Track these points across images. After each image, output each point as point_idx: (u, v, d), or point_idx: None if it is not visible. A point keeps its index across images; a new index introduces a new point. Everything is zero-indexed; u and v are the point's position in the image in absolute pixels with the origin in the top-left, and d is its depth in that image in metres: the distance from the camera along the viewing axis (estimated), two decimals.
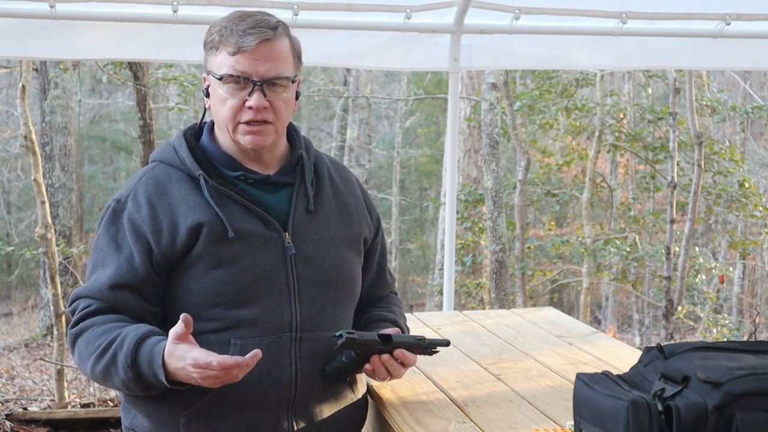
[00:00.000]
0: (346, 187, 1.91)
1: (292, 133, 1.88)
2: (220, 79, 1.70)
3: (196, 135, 1.84)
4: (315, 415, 1.78)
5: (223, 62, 1.70)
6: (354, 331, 1.78)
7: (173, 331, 1.57)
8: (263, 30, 1.69)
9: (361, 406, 1.93)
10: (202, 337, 1.66)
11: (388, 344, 1.80)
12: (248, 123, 1.71)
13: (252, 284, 1.70)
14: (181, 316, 1.55)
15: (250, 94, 1.69)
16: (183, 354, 1.55)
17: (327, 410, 1.81)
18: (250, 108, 1.70)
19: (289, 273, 1.73)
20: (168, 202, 1.71)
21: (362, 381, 1.96)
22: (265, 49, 1.69)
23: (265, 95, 1.70)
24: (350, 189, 1.92)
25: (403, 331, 1.93)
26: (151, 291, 1.71)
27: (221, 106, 1.72)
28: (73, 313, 1.73)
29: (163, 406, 1.70)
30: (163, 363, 1.57)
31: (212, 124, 1.84)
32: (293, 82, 1.75)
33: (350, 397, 1.87)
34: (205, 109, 1.83)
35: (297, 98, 1.81)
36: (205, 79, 1.77)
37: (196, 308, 1.69)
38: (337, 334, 1.75)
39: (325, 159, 1.92)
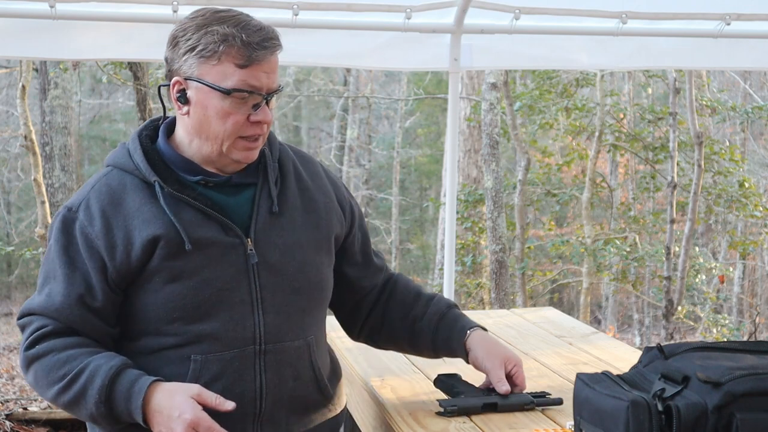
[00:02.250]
0: (313, 181, 1.79)
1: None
2: (227, 92, 1.57)
3: (152, 136, 1.72)
4: (281, 427, 1.70)
5: (229, 74, 1.57)
6: (455, 402, 1.81)
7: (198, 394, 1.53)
8: (274, 42, 1.60)
9: (338, 420, 1.85)
10: (161, 353, 1.61)
11: (493, 410, 1.81)
12: (248, 138, 1.62)
13: (212, 297, 1.61)
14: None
15: (255, 108, 1.60)
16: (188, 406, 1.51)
17: (298, 425, 1.73)
18: (256, 122, 1.61)
19: (252, 282, 1.64)
20: (122, 213, 1.61)
21: (342, 393, 1.89)
22: (273, 62, 1.61)
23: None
24: (318, 183, 1.80)
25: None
26: (108, 310, 1.62)
27: (220, 119, 1.60)
28: (23, 328, 1.64)
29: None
30: (144, 403, 1.51)
31: (169, 125, 1.72)
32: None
33: (325, 411, 1.79)
34: (165, 108, 1.71)
35: None
36: (179, 83, 1.62)
37: (155, 323, 1.62)
38: (440, 410, 1.79)
39: (290, 153, 1.80)
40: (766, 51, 3.69)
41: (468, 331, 1.87)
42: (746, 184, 8.29)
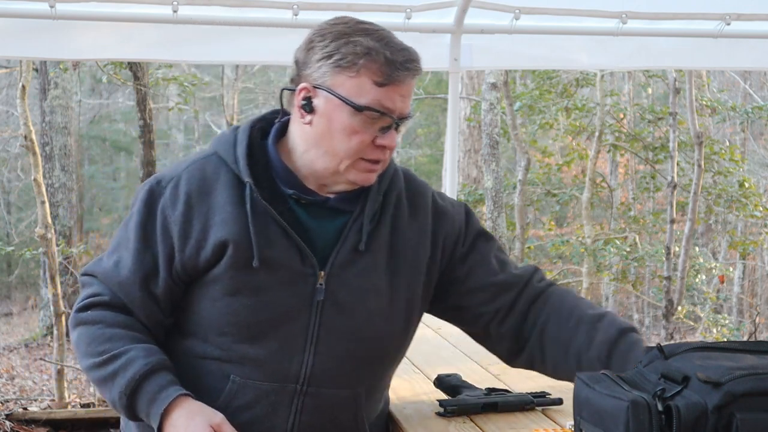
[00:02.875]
0: (412, 218, 1.63)
1: None
2: (359, 109, 1.47)
3: (266, 129, 1.61)
4: None
5: (365, 90, 1.47)
6: (455, 402, 1.80)
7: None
8: (416, 65, 1.52)
9: None
10: (204, 362, 1.56)
11: (494, 410, 1.81)
12: (371, 161, 1.52)
13: (266, 321, 1.52)
14: None
15: (383, 131, 1.50)
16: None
17: None
18: (382, 146, 1.51)
19: (312, 318, 1.53)
20: (206, 205, 1.53)
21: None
22: (411, 86, 1.52)
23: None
24: (418, 220, 1.64)
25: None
26: (167, 300, 1.56)
27: (345, 136, 1.49)
28: (83, 285, 1.60)
29: None
30: (164, 412, 1.46)
31: (282, 127, 1.60)
32: None
33: None
34: (284, 111, 1.59)
35: None
36: (306, 89, 1.51)
37: (205, 330, 1.55)
38: (440, 410, 1.76)
39: (400, 183, 1.64)
40: (766, 51, 3.69)
41: None
42: (746, 184, 8.29)
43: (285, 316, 1.53)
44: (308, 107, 1.51)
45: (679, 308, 7.67)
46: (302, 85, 1.51)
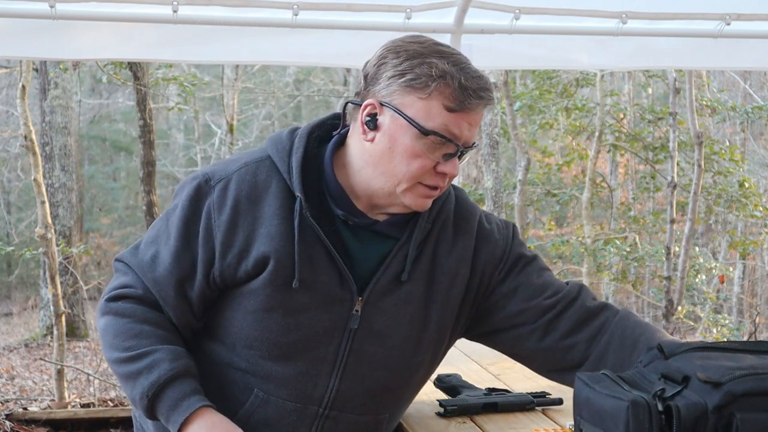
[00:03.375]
0: (455, 244, 1.58)
1: None
2: (425, 133, 1.43)
3: (324, 137, 1.57)
4: None
5: (434, 113, 1.43)
6: (455, 402, 1.83)
7: None
8: (489, 95, 1.47)
9: None
10: (229, 370, 1.55)
11: (494, 410, 1.83)
12: (430, 187, 1.48)
13: (297, 342, 1.50)
14: None
15: (446, 157, 1.46)
16: None
17: None
18: (443, 173, 1.47)
19: (343, 344, 1.51)
20: (254, 215, 1.49)
21: None
22: (481, 115, 1.48)
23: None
24: (460, 244, 1.59)
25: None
26: (199, 303, 1.54)
27: (406, 158, 1.44)
28: (116, 271, 1.56)
29: None
30: (185, 421, 1.44)
31: (341, 139, 1.56)
32: None
33: None
34: (344, 117, 1.55)
35: None
36: (373, 105, 1.47)
37: (233, 340, 1.53)
38: (440, 410, 1.79)
39: (450, 206, 1.60)
40: (766, 51, 3.69)
41: None
42: (746, 184, 8.29)
43: (316, 339, 1.51)
44: (372, 124, 1.47)
45: (679, 308, 7.67)
46: (369, 100, 1.48)
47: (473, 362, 2.32)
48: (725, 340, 4.14)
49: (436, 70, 1.43)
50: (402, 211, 1.52)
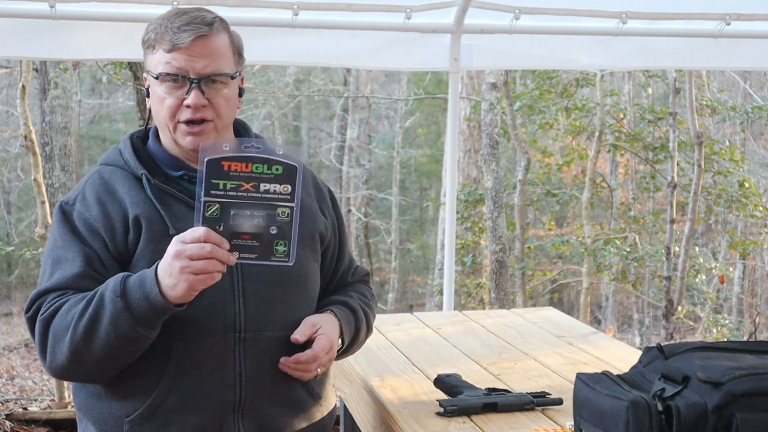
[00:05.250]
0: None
1: (240, 130, 1.83)
2: (157, 77, 1.66)
3: (144, 138, 1.80)
4: (265, 419, 1.70)
5: (160, 60, 1.65)
6: (455, 402, 1.82)
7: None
8: (198, 26, 1.64)
9: (325, 419, 1.83)
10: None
11: (494, 410, 1.83)
12: (187, 123, 1.66)
13: None
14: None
15: (187, 92, 1.65)
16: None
17: (280, 414, 1.72)
18: (188, 106, 1.65)
19: (233, 271, 1.66)
20: (116, 199, 1.68)
21: (330, 393, 1.87)
22: (200, 46, 1.64)
23: (203, 93, 1.64)
24: (303, 186, 1.76)
25: (355, 312, 1.85)
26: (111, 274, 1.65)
27: (159, 105, 1.67)
28: (37, 311, 1.62)
29: (108, 413, 1.66)
30: (156, 276, 1.52)
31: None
32: (233, 78, 1.69)
33: (310, 405, 1.78)
34: (149, 110, 1.77)
35: (240, 95, 1.75)
36: (145, 79, 1.72)
37: None
38: (440, 410, 1.80)
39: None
40: (766, 51, 3.70)
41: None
42: (746, 184, 8.28)
43: None
44: (147, 93, 1.72)
45: (679, 308, 7.67)
46: (143, 75, 1.74)
47: (473, 362, 2.32)
48: (725, 340, 4.14)
49: (153, 26, 1.68)
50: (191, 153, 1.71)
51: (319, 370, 1.73)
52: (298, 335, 1.71)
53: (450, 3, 3.32)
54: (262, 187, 1.49)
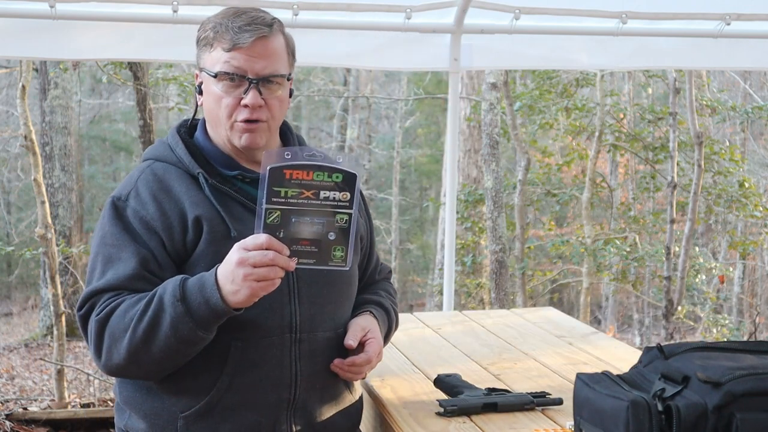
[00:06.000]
0: None
1: (285, 131, 1.85)
2: (215, 76, 1.67)
3: (190, 132, 1.80)
4: (313, 416, 1.75)
5: (218, 59, 1.66)
6: (455, 402, 1.82)
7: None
8: (259, 27, 1.66)
9: (357, 407, 1.90)
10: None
11: (494, 410, 1.83)
12: (244, 122, 1.68)
13: None
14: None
15: (245, 92, 1.66)
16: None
17: (325, 411, 1.78)
18: (246, 106, 1.66)
19: (289, 273, 1.64)
20: (173, 198, 1.67)
21: (359, 382, 1.93)
22: (260, 47, 1.66)
23: (260, 93, 1.66)
24: None
25: (388, 312, 1.92)
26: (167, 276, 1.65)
27: (216, 104, 1.69)
28: (91, 310, 1.62)
29: (161, 408, 1.67)
30: (216, 281, 1.53)
31: (205, 121, 1.80)
32: (288, 79, 1.73)
33: (348, 399, 1.85)
34: (197, 105, 1.78)
35: (291, 96, 1.77)
36: (197, 75, 1.74)
37: None
38: (440, 410, 1.81)
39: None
40: (766, 51, 3.70)
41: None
42: (746, 184, 8.28)
43: None
44: (199, 89, 1.74)
45: (679, 308, 7.67)
46: (195, 72, 1.77)
47: (473, 362, 2.32)
48: (725, 340, 4.15)
49: (211, 25, 1.69)
50: (242, 152, 1.73)
51: (367, 371, 1.78)
52: (351, 340, 1.75)
53: (450, 3, 3.32)
54: (323, 194, 1.51)
